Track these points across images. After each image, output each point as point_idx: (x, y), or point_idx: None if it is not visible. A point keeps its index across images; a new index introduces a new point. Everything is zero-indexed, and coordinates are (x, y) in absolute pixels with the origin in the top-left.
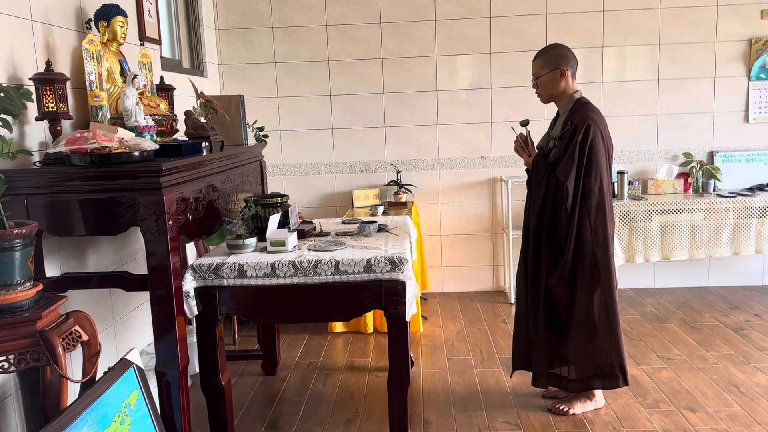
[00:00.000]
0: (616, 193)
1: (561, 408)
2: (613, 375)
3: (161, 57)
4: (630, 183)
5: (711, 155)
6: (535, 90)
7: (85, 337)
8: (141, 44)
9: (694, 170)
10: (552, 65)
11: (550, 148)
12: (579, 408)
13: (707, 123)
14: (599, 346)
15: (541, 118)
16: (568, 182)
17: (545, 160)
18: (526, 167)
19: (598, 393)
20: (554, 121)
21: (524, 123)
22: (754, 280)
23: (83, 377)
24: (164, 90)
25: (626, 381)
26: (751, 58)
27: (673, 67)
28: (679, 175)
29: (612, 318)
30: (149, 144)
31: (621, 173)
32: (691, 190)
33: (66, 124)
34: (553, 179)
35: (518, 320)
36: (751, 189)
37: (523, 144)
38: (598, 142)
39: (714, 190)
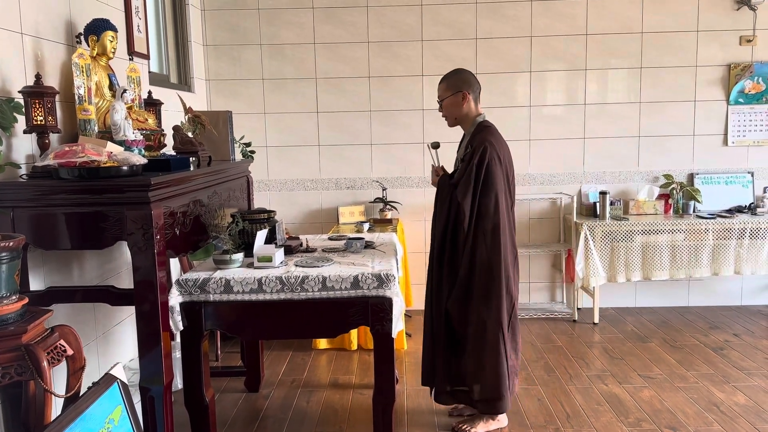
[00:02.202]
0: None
1: (464, 428)
2: (497, 398)
3: (149, 72)
4: (612, 203)
5: (691, 177)
6: (441, 113)
7: (70, 352)
8: (130, 59)
9: (674, 192)
10: (454, 89)
11: (454, 170)
12: (482, 428)
13: (687, 145)
14: (487, 368)
15: (525, 138)
16: (464, 203)
17: (450, 181)
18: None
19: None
20: (460, 143)
21: (435, 146)
22: (733, 300)
23: (67, 392)
24: (152, 105)
25: (509, 404)
26: (729, 83)
27: (654, 91)
28: (660, 197)
29: (499, 340)
30: (138, 158)
31: (603, 193)
32: (671, 211)
33: (54, 138)
34: (455, 200)
35: (424, 339)
36: (729, 211)
37: (436, 170)
38: (494, 164)
39: (694, 211)
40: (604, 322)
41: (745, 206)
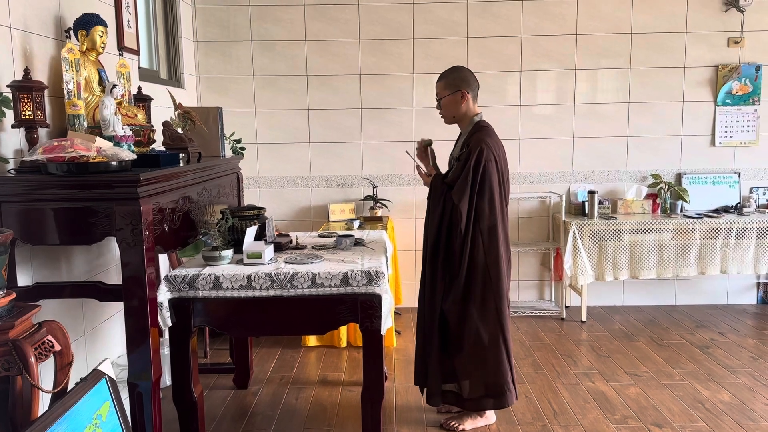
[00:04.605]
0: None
1: (452, 425)
2: (502, 394)
3: (139, 67)
4: (600, 203)
5: (679, 177)
6: (438, 111)
7: (57, 347)
8: (119, 54)
9: (662, 191)
10: (453, 87)
11: (449, 168)
12: (469, 425)
13: (675, 145)
14: (489, 366)
15: (515, 137)
16: (461, 205)
17: (443, 180)
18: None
19: (489, 410)
20: (456, 141)
21: (427, 143)
22: (719, 299)
23: (55, 388)
24: (142, 100)
25: (515, 397)
26: (717, 84)
27: (643, 91)
28: (648, 196)
29: (499, 338)
30: (127, 154)
31: (591, 193)
32: (659, 210)
33: (42, 132)
34: (450, 201)
35: (417, 338)
36: (716, 211)
37: (422, 153)
38: (491, 165)
39: (681, 211)
40: (592, 320)
41: (732, 206)
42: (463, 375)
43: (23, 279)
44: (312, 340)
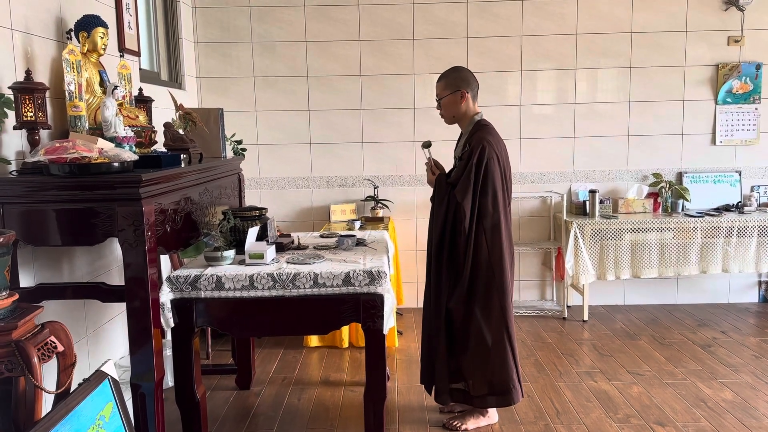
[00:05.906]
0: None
1: (454, 424)
2: (507, 392)
3: (140, 69)
4: (601, 202)
5: (680, 176)
6: (439, 112)
7: (60, 348)
8: (120, 55)
9: (663, 190)
10: (453, 87)
11: (452, 168)
12: (472, 424)
13: (676, 144)
14: (493, 364)
15: (516, 137)
16: (464, 203)
17: (447, 179)
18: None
19: (492, 409)
20: (458, 141)
21: (426, 145)
22: (720, 298)
23: (58, 389)
24: (143, 101)
25: (520, 395)
26: (718, 83)
27: (643, 90)
28: (649, 195)
29: (504, 336)
30: (129, 155)
31: (592, 192)
32: (660, 209)
33: (44, 134)
34: (453, 199)
35: (424, 339)
36: (717, 209)
37: (431, 166)
38: (493, 163)
39: (682, 209)
40: (594, 319)
41: (733, 205)
42: (469, 374)
43: (25, 280)
44: (314, 341)
